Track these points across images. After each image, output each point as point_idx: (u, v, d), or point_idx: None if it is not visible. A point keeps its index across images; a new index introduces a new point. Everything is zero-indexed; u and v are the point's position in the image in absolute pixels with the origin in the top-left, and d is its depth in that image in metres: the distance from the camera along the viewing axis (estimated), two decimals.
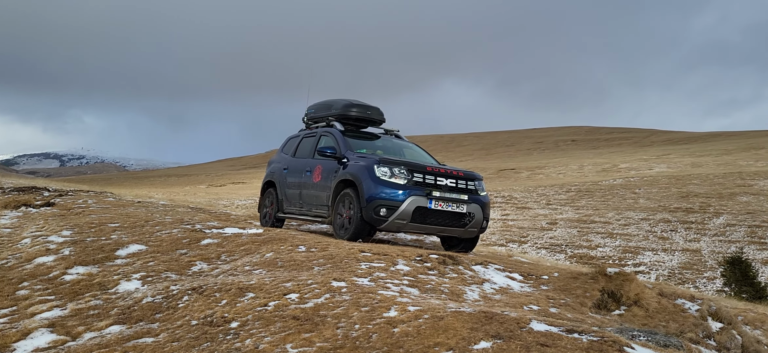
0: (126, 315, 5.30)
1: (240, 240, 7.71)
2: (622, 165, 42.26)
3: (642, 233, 18.98)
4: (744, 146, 50.47)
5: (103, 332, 5.00)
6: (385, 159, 8.34)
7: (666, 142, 73.90)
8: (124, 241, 7.76)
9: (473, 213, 8.35)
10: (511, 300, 5.57)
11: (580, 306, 5.74)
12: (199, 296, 5.37)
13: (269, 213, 10.37)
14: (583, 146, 78.67)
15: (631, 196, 24.74)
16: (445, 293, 5.58)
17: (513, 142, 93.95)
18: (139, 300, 5.57)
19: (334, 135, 9.40)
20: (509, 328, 4.06)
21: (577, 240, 18.61)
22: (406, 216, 7.96)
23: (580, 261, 16.17)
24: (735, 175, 28.59)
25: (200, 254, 7.19)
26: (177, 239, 7.84)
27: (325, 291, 5.14)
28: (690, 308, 6.04)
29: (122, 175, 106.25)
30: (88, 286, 6.22)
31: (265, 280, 5.62)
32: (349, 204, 8.31)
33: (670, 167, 38.52)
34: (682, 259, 16.17)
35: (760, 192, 23.20)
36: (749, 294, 12.54)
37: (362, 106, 10.08)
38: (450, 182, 8.30)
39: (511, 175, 43.79)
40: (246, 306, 5.00)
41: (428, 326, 4.22)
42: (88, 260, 7.02)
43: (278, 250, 7.02)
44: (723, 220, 19.61)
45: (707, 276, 14.96)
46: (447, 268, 6.46)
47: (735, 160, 39.81)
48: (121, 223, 8.93)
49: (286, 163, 10.27)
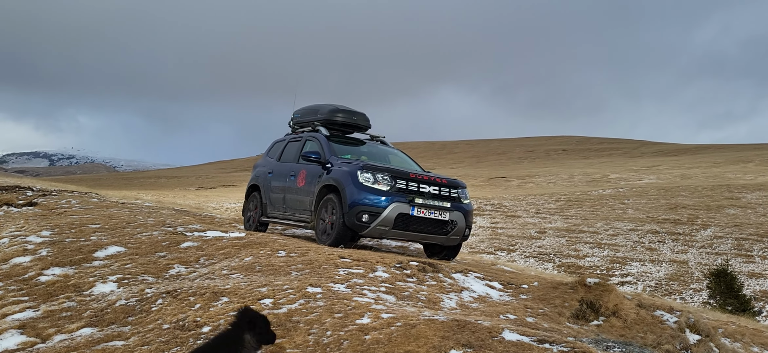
0: (98, 317, 5.23)
1: (220, 243, 7.64)
2: (612, 175, 42.42)
3: (630, 244, 19.02)
4: (733, 159, 50.82)
5: (74, 334, 4.93)
6: (369, 165, 8.30)
7: (656, 153, 74.30)
8: (103, 243, 7.68)
9: (456, 220, 8.32)
10: (488, 309, 5.53)
11: (558, 316, 5.71)
12: (173, 300, 5.31)
13: (253, 216, 10.31)
14: (574, 156, 79.00)
15: (620, 207, 24.81)
16: (421, 301, 5.54)
17: (504, 151, 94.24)
18: (113, 302, 5.50)
19: (318, 140, 9.35)
20: (481, 337, 4.02)
21: (565, 249, 18.63)
22: (389, 223, 7.91)
23: (568, 270, 16.17)
24: (723, 187, 28.74)
25: (179, 257, 7.12)
26: (157, 241, 7.77)
27: (300, 297, 5.09)
28: (668, 320, 6.02)
29: (111, 176, 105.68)
30: (63, 288, 6.14)
31: (240, 285, 5.56)
32: (331, 209, 8.26)
33: (660, 178, 38.69)
34: (670, 270, 16.21)
35: (747, 205, 23.31)
36: (734, 307, 12.57)
37: (348, 111, 10.04)
38: (433, 189, 8.26)
39: (501, 183, 43.87)
40: (219, 311, 4.94)
41: (400, 333, 4.18)
42: (65, 261, 6.94)
43: (258, 255, 6.96)
44: (710, 232, 19.67)
45: (694, 288, 15.00)
46: (426, 276, 6.41)
47: (723, 172, 40.04)
48: (103, 224, 8.85)
49: (271, 167, 10.22)
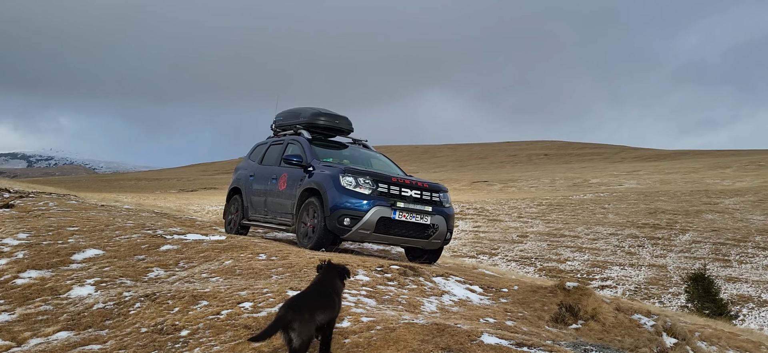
0: (75, 321, 5.16)
1: (200, 246, 7.59)
2: (593, 180, 42.80)
3: (610, 248, 19.19)
4: (711, 165, 51.53)
5: (50, 338, 4.87)
6: (351, 168, 8.29)
7: (636, 158, 75.10)
8: (81, 245, 7.59)
9: (437, 224, 8.34)
10: (468, 313, 5.55)
11: (538, 320, 5.75)
12: (151, 303, 5.27)
13: (234, 220, 10.25)
14: (556, 160, 79.60)
15: (600, 211, 25.03)
16: (402, 304, 5.54)
17: (487, 155, 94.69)
18: (90, 306, 5.44)
19: (300, 143, 9.33)
20: (460, 341, 4.04)
21: (546, 253, 18.75)
22: (370, 227, 7.91)
23: (549, 274, 16.28)
24: (702, 192, 29.13)
25: (158, 260, 7.06)
26: (136, 244, 7.70)
27: (280, 300, 5.07)
28: (646, 323, 6.09)
29: (91, 178, 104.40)
30: (40, 291, 6.06)
31: (220, 288, 5.53)
32: (313, 212, 8.24)
33: (640, 183, 39.12)
34: (649, 275, 16.37)
35: (724, 210, 23.64)
36: (711, 311, 12.73)
37: (330, 115, 10.03)
38: (415, 193, 8.28)
39: (484, 187, 44.07)
40: (198, 315, 4.91)
41: (379, 337, 4.18)
42: (41, 264, 6.85)
43: (238, 258, 6.92)
44: (689, 237, 19.92)
45: (672, 292, 15.16)
46: (407, 279, 6.42)
47: (702, 178, 40.57)
48: (81, 227, 8.74)
49: (253, 170, 10.17)
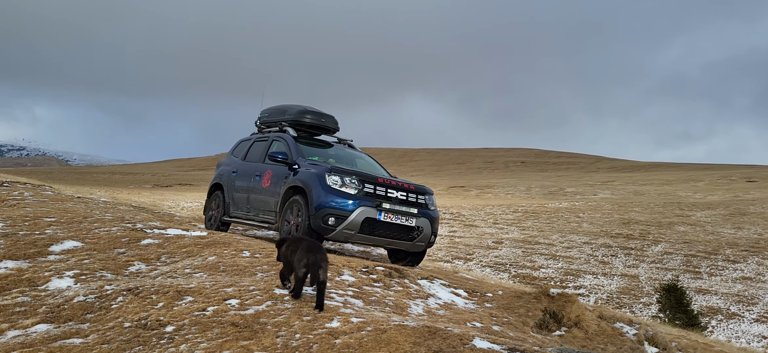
0: (55, 313, 5.04)
1: (182, 241, 7.48)
2: (568, 188, 43.29)
3: (584, 256, 19.41)
4: (684, 178, 52.49)
5: (29, 330, 4.74)
6: (337, 168, 8.24)
7: (611, 169, 76.17)
8: (59, 237, 7.42)
9: (422, 227, 8.33)
10: (455, 316, 5.55)
11: (522, 325, 5.78)
12: (134, 297, 5.16)
13: (215, 216, 10.12)
14: (532, 168, 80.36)
15: (575, 220, 25.31)
16: (389, 306, 5.53)
17: (464, 160, 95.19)
18: (70, 298, 5.31)
19: (286, 140, 9.25)
20: (452, 344, 4.03)
21: (521, 260, 18.89)
22: (355, 227, 7.87)
23: (523, 281, 16.40)
24: (674, 204, 29.64)
25: (139, 254, 6.94)
26: (116, 237, 7.55)
27: (267, 298, 5.02)
28: (628, 332, 6.16)
29: (63, 170, 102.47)
30: (17, 282, 5.91)
31: (205, 284, 5.45)
32: (297, 211, 8.17)
33: (614, 194, 39.66)
34: (621, 284, 16.59)
35: (696, 223, 24.08)
36: (683, 321, 12.95)
37: (317, 113, 9.96)
38: (401, 195, 8.26)
39: (460, 192, 44.27)
40: (183, 310, 4.83)
41: (371, 339, 4.15)
42: (18, 254, 6.69)
43: (221, 254, 6.84)
44: (661, 248, 20.24)
45: (643, 302, 15.38)
46: (393, 281, 6.41)
47: (675, 190, 41.30)
48: (58, 218, 8.56)
49: (236, 167, 10.06)
